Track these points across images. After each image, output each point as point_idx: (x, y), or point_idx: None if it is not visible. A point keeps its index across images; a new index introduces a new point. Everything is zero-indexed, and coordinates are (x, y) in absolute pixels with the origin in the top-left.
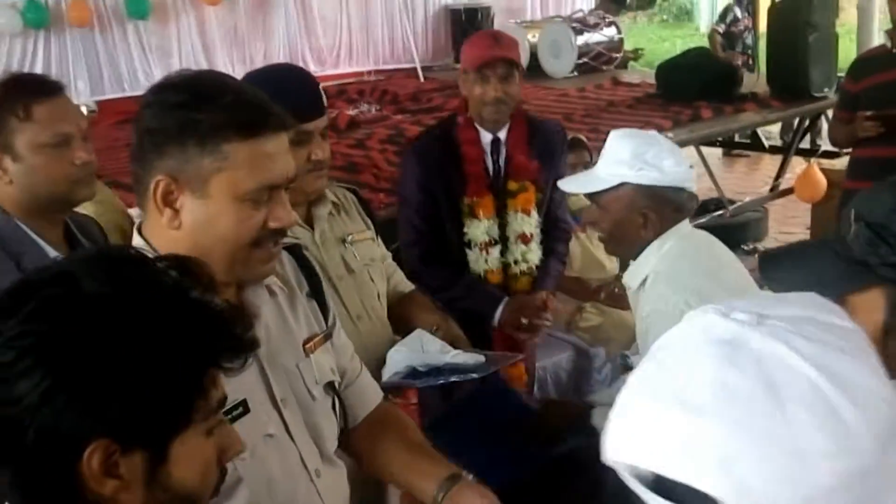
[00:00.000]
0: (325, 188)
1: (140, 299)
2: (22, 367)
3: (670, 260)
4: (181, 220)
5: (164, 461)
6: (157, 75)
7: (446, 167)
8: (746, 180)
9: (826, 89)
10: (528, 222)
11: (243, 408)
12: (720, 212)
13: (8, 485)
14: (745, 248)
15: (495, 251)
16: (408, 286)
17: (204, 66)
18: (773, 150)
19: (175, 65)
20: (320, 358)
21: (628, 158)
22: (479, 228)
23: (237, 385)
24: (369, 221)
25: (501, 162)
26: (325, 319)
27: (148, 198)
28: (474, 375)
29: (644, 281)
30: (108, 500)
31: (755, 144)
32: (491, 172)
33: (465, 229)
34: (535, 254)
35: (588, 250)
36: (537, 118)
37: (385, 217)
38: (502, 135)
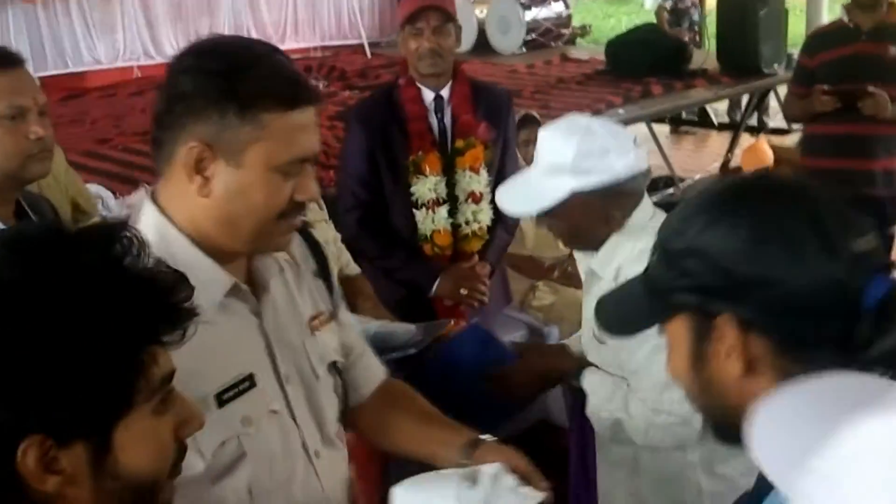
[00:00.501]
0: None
1: (59, 281)
2: None
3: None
4: (211, 189)
5: (108, 450)
6: (101, 51)
7: (390, 129)
8: (694, 157)
9: (776, 65)
10: (476, 180)
11: (250, 382)
12: (671, 189)
13: None
14: None
15: (443, 210)
16: (353, 269)
17: (148, 42)
18: (722, 126)
19: (119, 40)
20: (325, 337)
21: (570, 164)
22: (426, 185)
23: (245, 358)
24: (321, 202)
25: (447, 121)
26: (332, 300)
27: (174, 163)
28: (412, 350)
29: (617, 272)
30: (54, 497)
31: (703, 121)
32: (436, 131)
33: (412, 188)
34: (486, 214)
35: (541, 229)
36: (480, 80)
37: (335, 195)
38: (445, 93)
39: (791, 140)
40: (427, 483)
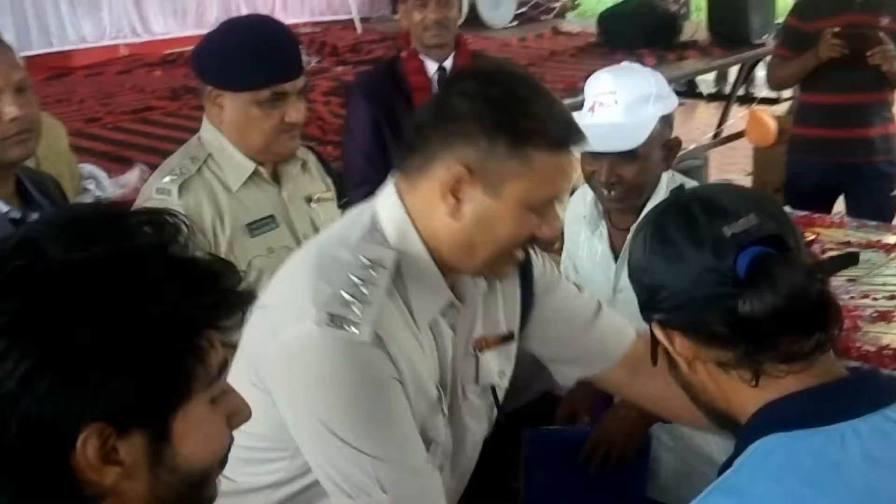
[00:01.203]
0: (296, 150)
1: (115, 262)
2: None
3: None
4: (462, 212)
5: (167, 440)
6: (87, 30)
7: (394, 101)
8: (684, 128)
9: (765, 36)
10: None
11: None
12: None
13: None
14: None
15: None
16: None
17: (135, 19)
18: (711, 97)
19: (105, 19)
20: (488, 358)
21: (656, 90)
22: None
23: (434, 371)
24: (329, 181)
25: None
26: (525, 318)
27: (429, 177)
28: None
29: None
30: (108, 490)
31: (691, 92)
32: None
33: None
34: None
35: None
36: (480, 52)
37: (335, 170)
38: (448, 64)
39: (781, 109)
40: None
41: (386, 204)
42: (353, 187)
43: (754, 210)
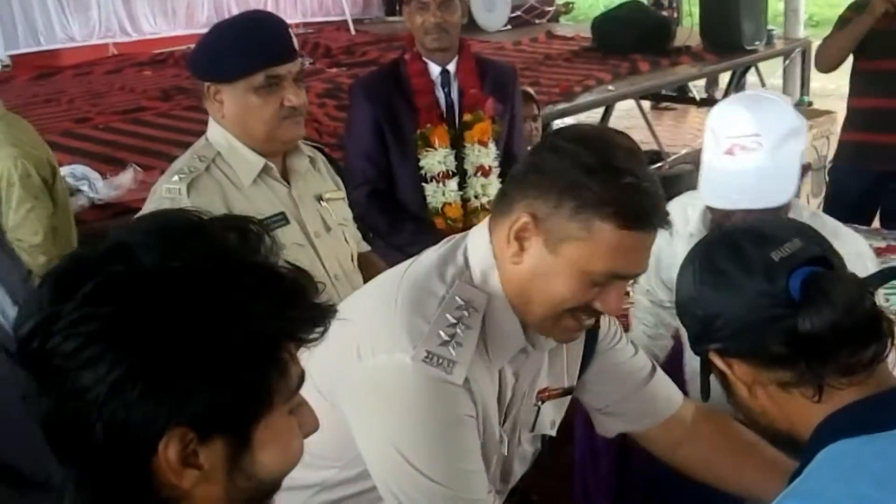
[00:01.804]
0: (302, 137)
1: (207, 272)
2: (88, 355)
3: None
4: (522, 259)
5: (247, 447)
6: (75, 29)
7: (397, 103)
8: (677, 133)
9: (757, 42)
10: (486, 154)
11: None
12: (659, 164)
13: (74, 485)
14: None
15: (452, 183)
16: (363, 247)
17: (124, 18)
18: (703, 102)
19: (94, 17)
20: (547, 409)
21: (797, 124)
22: (435, 158)
23: (490, 414)
24: (339, 181)
25: (454, 95)
26: (583, 369)
27: (505, 222)
28: None
29: None
30: (185, 493)
31: (682, 97)
32: (443, 105)
33: (421, 162)
34: (495, 187)
35: None
36: (484, 56)
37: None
38: (451, 67)
39: None
40: None
41: (476, 243)
42: (353, 188)
43: (796, 235)
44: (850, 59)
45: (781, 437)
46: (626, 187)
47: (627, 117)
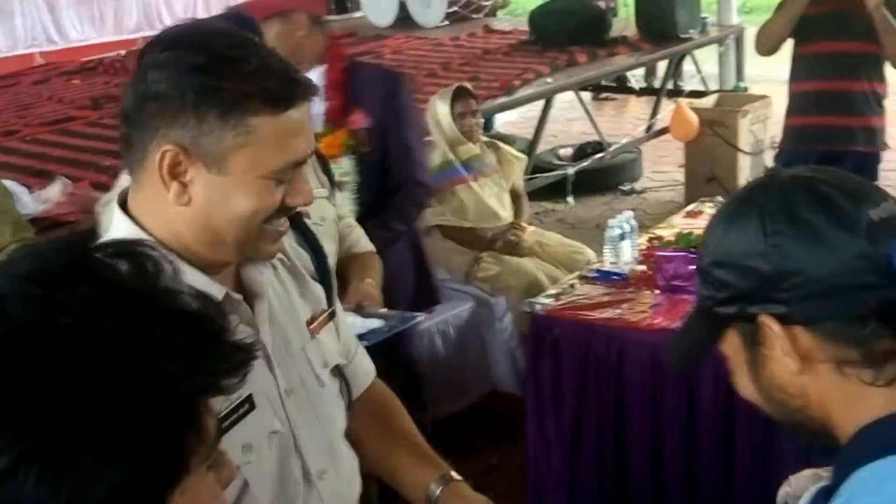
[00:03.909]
0: None
1: (104, 325)
2: None
3: None
4: (190, 196)
5: None
6: None
7: None
8: (617, 123)
9: (692, 30)
10: (338, 167)
11: (249, 404)
12: (600, 154)
13: None
14: (623, 188)
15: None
16: (363, 247)
17: (50, 26)
18: (643, 91)
19: (18, 26)
20: (326, 339)
21: None
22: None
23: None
24: (325, 179)
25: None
26: (329, 298)
27: (147, 168)
28: (365, 343)
29: None
30: None
31: (622, 87)
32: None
33: None
34: (348, 202)
35: (481, 200)
36: (364, 63)
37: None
38: (315, 77)
39: (709, 102)
40: None
41: (113, 226)
42: None
43: (884, 196)
44: (790, 44)
45: (808, 427)
46: (256, 72)
47: (568, 109)
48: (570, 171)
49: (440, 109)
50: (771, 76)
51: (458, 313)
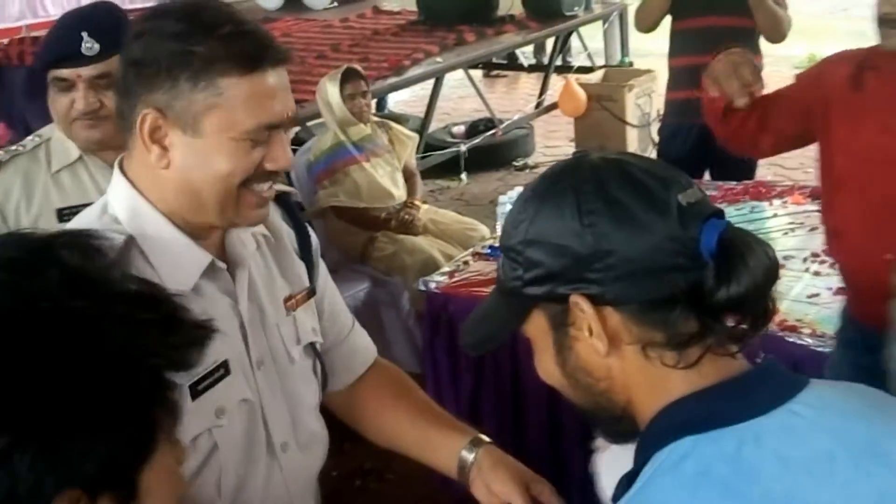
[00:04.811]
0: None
1: (76, 308)
2: None
3: None
4: (170, 159)
5: (134, 497)
6: None
7: None
8: (508, 99)
9: (576, 8)
10: None
11: (224, 369)
12: (492, 131)
13: None
14: (516, 164)
15: None
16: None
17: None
18: (531, 68)
19: None
20: (302, 316)
21: None
22: None
23: (219, 343)
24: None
25: None
26: (311, 277)
27: (133, 134)
28: None
29: None
30: None
31: (512, 64)
32: None
33: None
34: None
35: (374, 180)
36: None
37: None
38: None
39: (596, 77)
40: None
41: (114, 189)
42: None
43: (689, 182)
44: (669, 20)
45: (609, 411)
46: (228, 37)
47: (460, 87)
48: (463, 148)
49: (330, 91)
50: (655, 50)
51: (354, 294)
